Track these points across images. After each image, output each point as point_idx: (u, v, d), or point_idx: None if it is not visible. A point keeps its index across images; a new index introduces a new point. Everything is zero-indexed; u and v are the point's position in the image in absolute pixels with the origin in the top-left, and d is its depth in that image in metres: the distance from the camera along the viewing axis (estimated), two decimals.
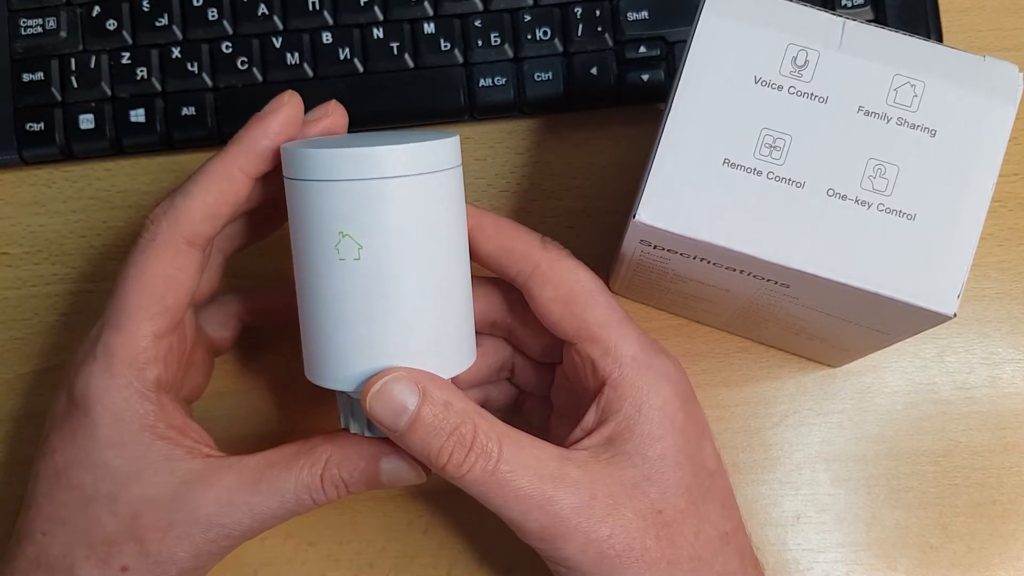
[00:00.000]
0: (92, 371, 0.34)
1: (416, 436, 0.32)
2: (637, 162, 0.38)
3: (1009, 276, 0.44)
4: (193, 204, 0.34)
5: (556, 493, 0.32)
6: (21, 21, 0.45)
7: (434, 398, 0.32)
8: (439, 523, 0.43)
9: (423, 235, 0.32)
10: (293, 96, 0.34)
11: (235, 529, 0.33)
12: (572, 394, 0.38)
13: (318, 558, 0.43)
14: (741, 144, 0.33)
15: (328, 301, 0.32)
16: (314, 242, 0.32)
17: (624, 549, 0.32)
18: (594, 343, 0.35)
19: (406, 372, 0.32)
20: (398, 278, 0.31)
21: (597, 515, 0.32)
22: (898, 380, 0.44)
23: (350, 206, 0.31)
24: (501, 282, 0.38)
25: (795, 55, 0.33)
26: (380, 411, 0.31)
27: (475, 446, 0.32)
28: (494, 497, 0.32)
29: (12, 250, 0.46)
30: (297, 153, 0.31)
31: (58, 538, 0.34)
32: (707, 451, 0.35)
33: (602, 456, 0.33)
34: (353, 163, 0.31)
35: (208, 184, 0.34)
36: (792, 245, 0.32)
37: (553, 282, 0.35)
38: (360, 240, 0.31)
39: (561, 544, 0.32)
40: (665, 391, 0.34)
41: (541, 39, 0.44)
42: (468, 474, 0.32)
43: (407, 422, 0.31)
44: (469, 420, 0.32)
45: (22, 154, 0.45)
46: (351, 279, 0.31)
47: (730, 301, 0.38)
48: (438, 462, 0.32)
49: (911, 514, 0.43)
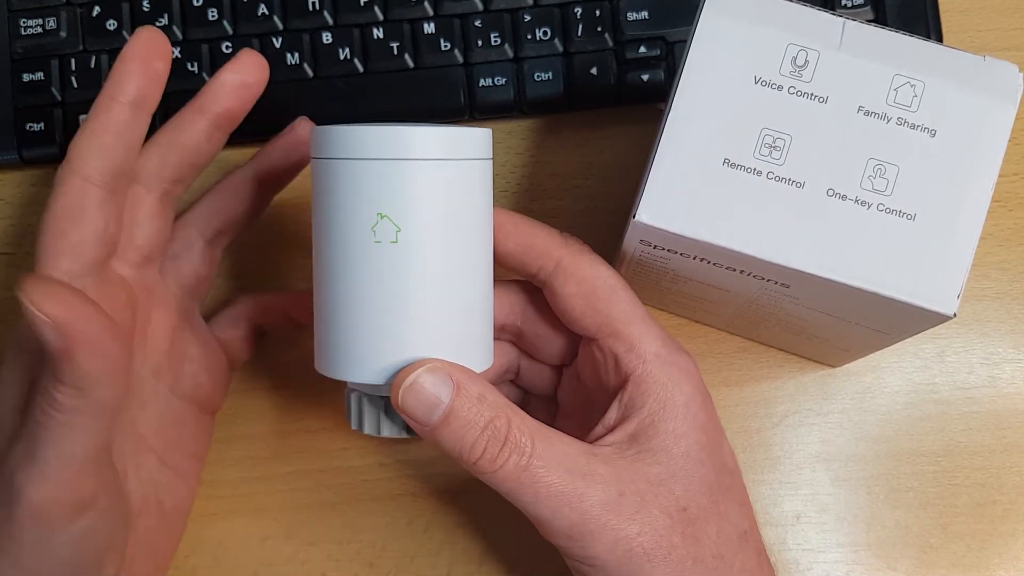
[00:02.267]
0: None
1: (450, 430, 0.31)
2: (637, 162, 0.39)
3: (1009, 276, 0.44)
4: (78, 141, 0.33)
5: (586, 490, 0.31)
6: (21, 21, 0.45)
7: (468, 391, 0.31)
8: (439, 523, 0.43)
9: (460, 222, 0.31)
10: (144, 28, 0.34)
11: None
12: (581, 394, 0.38)
13: (318, 558, 0.43)
14: (741, 144, 0.33)
15: (359, 286, 0.31)
16: (348, 223, 0.31)
17: (652, 547, 0.32)
18: (617, 338, 0.35)
19: (439, 364, 0.31)
20: (434, 264, 0.31)
21: (626, 512, 0.32)
22: (898, 380, 0.44)
23: (391, 186, 0.30)
24: (510, 285, 0.38)
25: (795, 55, 0.33)
26: (412, 405, 0.30)
27: (509, 440, 0.31)
28: (524, 493, 0.31)
29: (12, 250, 0.46)
30: (337, 131, 0.31)
31: None
32: (725, 449, 0.35)
33: (627, 452, 0.33)
34: (399, 142, 0.30)
35: (89, 121, 0.33)
36: (792, 245, 0.32)
37: (576, 277, 0.35)
38: (399, 222, 0.30)
39: (589, 542, 0.32)
40: (687, 388, 0.34)
41: (541, 39, 0.44)
42: (501, 470, 0.31)
43: (440, 416, 0.31)
44: (503, 414, 0.31)
45: (22, 154, 0.45)
46: (387, 263, 0.30)
47: (730, 301, 0.38)
48: (471, 457, 0.31)
49: (911, 514, 0.43)
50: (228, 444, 0.43)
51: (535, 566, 0.42)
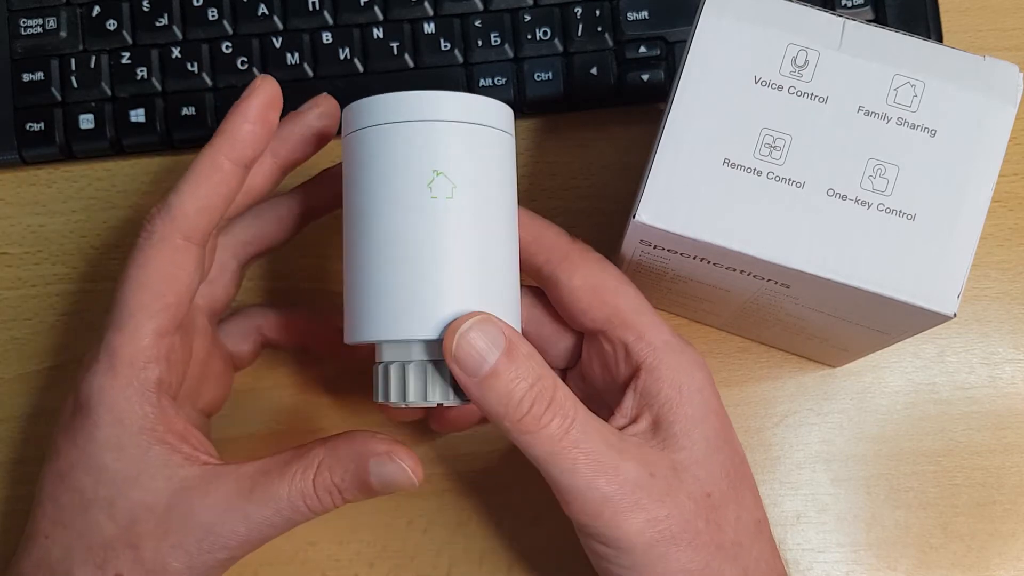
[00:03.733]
0: (95, 371, 0.34)
1: (500, 382, 0.30)
2: (637, 162, 0.39)
3: (1009, 276, 0.44)
4: (185, 199, 0.34)
5: (623, 463, 0.32)
6: (21, 21, 0.45)
7: (518, 347, 0.31)
8: (439, 523, 0.43)
9: (503, 188, 0.33)
10: (266, 79, 0.34)
11: (230, 539, 0.33)
12: (586, 396, 0.38)
13: (318, 558, 0.43)
14: (741, 144, 0.33)
15: (414, 243, 0.31)
16: (403, 182, 0.32)
17: (679, 531, 0.32)
18: (627, 328, 0.35)
19: (492, 317, 0.31)
20: (486, 222, 0.32)
21: (656, 494, 0.32)
22: (898, 380, 0.44)
23: (450, 145, 0.32)
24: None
25: (795, 55, 0.33)
26: (466, 353, 0.30)
27: (555, 402, 0.31)
28: (563, 459, 0.31)
29: (12, 250, 0.46)
30: (389, 98, 0.32)
31: (59, 541, 0.34)
32: (736, 437, 0.35)
33: (651, 441, 0.33)
34: (460, 105, 0.32)
35: (197, 178, 0.34)
36: (792, 245, 0.32)
37: (582, 270, 0.35)
38: (455, 179, 0.31)
39: (619, 521, 0.31)
40: (699, 375, 0.34)
41: (541, 39, 0.44)
42: (544, 430, 0.31)
43: (491, 368, 0.30)
44: (549, 375, 0.31)
45: (22, 154, 0.45)
46: (443, 218, 0.31)
47: (730, 301, 0.38)
48: (516, 413, 0.31)
49: (911, 514, 0.43)
50: (228, 444, 0.43)
51: (535, 566, 0.42)
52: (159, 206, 0.34)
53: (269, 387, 0.44)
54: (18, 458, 0.44)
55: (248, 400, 0.44)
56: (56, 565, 0.34)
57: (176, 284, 0.34)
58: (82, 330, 0.45)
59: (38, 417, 0.44)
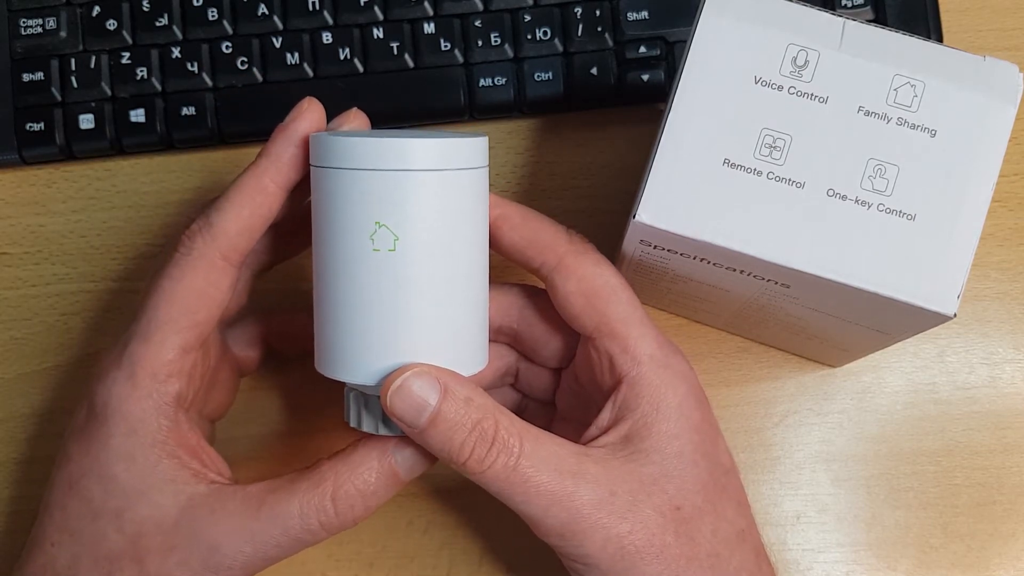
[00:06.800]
0: (115, 379, 0.34)
1: (437, 432, 0.31)
2: (637, 162, 0.39)
3: (1009, 276, 0.44)
4: (228, 218, 0.34)
5: (576, 489, 0.32)
6: (21, 21, 0.45)
7: (455, 394, 0.31)
8: (439, 523, 0.43)
9: (456, 232, 0.32)
10: (312, 102, 0.34)
11: (235, 558, 0.33)
12: (579, 396, 0.38)
13: (318, 558, 0.43)
14: (741, 144, 0.33)
15: (355, 292, 0.31)
16: (347, 231, 0.31)
17: (644, 545, 0.32)
18: (613, 339, 0.35)
19: (427, 368, 0.31)
20: (430, 272, 0.31)
21: (617, 511, 0.32)
22: (898, 380, 0.44)
23: (391, 196, 0.31)
24: (508, 287, 0.38)
25: (795, 55, 0.33)
26: (401, 407, 0.31)
27: (496, 441, 0.31)
28: (515, 493, 0.32)
29: (12, 250, 0.46)
30: (337, 141, 0.31)
31: (66, 549, 0.34)
32: (721, 449, 0.35)
33: (619, 453, 0.33)
34: (397, 153, 0.31)
35: (242, 198, 0.34)
36: (792, 245, 0.32)
37: (577, 275, 0.35)
38: (397, 231, 0.31)
39: (581, 540, 0.32)
40: (682, 390, 0.34)
41: (541, 39, 0.44)
42: (489, 470, 0.31)
43: (428, 418, 0.31)
44: (490, 416, 0.32)
45: (22, 154, 0.45)
46: (383, 271, 0.31)
47: (730, 301, 0.38)
48: (459, 458, 0.31)
49: (911, 514, 0.43)
50: (229, 444, 0.43)
51: (535, 566, 0.42)
52: (200, 223, 0.34)
53: (269, 387, 0.44)
54: (18, 458, 0.44)
55: (248, 400, 0.44)
56: (62, 572, 0.34)
57: (209, 302, 0.34)
58: (82, 330, 0.45)
59: (38, 417, 0.44)
